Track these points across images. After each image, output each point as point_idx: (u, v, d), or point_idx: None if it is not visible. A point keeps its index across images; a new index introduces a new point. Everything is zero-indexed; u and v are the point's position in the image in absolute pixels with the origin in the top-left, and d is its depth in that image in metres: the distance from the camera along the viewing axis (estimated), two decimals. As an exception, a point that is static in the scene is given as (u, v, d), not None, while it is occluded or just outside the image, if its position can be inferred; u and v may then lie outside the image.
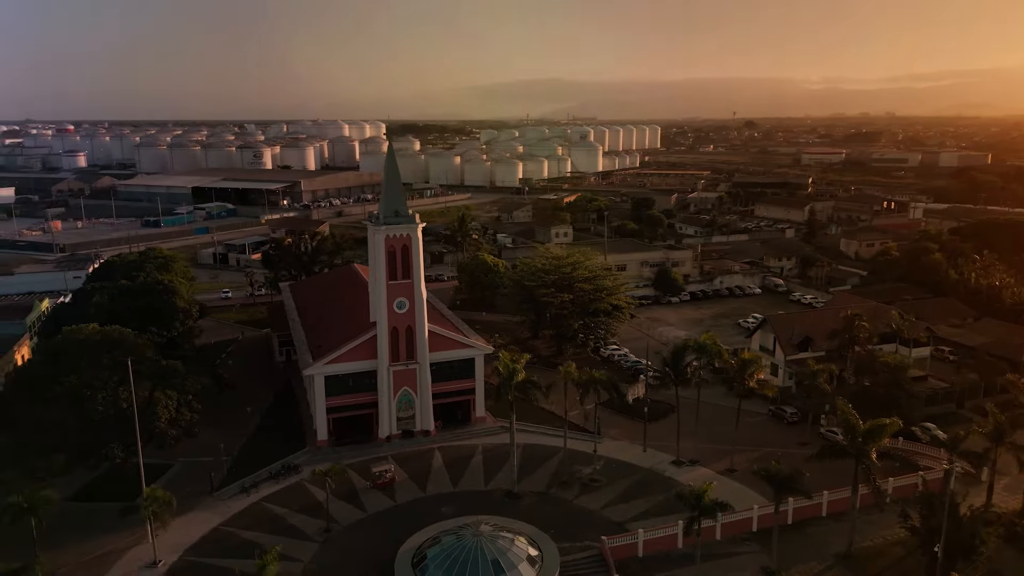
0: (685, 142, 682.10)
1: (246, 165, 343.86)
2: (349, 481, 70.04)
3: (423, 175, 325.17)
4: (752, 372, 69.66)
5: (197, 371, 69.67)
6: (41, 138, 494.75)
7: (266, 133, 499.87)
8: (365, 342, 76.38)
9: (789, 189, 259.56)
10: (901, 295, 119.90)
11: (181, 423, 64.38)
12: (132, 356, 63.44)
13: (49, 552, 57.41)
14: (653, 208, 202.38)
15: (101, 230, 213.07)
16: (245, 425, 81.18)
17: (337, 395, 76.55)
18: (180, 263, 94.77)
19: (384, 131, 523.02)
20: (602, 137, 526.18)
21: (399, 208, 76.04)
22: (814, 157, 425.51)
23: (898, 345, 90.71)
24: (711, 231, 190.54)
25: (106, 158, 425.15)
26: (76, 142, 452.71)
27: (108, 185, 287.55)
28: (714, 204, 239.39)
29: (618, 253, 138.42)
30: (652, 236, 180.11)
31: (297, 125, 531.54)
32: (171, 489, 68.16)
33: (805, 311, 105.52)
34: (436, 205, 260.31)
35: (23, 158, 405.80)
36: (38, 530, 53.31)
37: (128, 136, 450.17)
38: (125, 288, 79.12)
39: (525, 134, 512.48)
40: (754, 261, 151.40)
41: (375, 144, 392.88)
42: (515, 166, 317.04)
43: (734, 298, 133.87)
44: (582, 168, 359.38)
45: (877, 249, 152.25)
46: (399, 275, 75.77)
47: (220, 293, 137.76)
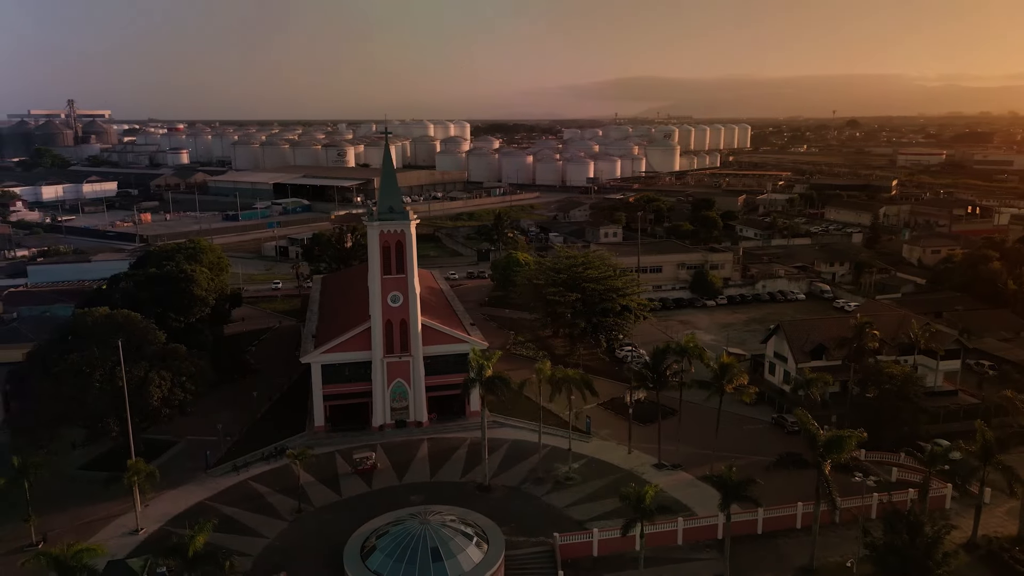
0: (779, 141, 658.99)
1: (330, 163, 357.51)
2: (333, 465, 73.29)
3: (496, 174, 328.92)
4: (731, 377, 67.86)
5: (199, 355, 74.06)
6: (152, 136, 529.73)
7: (356, 132, 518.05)
8: (360, 334, 79.27)
9: (870, 192, 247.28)
10: (953, 305, 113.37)
11: (174, 402, 68.98)
12: (135, 339, 68.73)
13: (49, 515, 63.18)
14: (712, 209, 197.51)
15: (185, 222, 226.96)
16: (255, 409, 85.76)
17: (334, 383, 79.80)
18: (212, 254, 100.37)
19: (469, 130, 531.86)
20: (687, 136, 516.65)
21: (394, 204, 78.47)
22: (911, 158, 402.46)
23: (916, 357, 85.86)
24: (770, 234, 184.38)
25: (207, 155, 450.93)
26: (182, 140, 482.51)
27: (200, 181, 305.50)
28: (783, 206, 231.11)
29: (653, 254, 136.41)
30: (707, 238, 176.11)
31: (385, 125, 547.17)
32: (173, 464, 73.87)
33: (821, 318, 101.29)
34: (501, 204, 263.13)
35: (133, 155, 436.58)
36: (31, 492, 58.79)
37: (228, 135, 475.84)
38: (149, 276, 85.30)
39: (608, 133, 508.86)
40: (804, 266, 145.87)
41: (454, 143, 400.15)
42: (586, 165, 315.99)
43: (775, 303, 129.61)
44: (657, 168, 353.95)
45: (943, 256, 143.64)
46: (393, 270, 78.26)
47: (271, 284, 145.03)
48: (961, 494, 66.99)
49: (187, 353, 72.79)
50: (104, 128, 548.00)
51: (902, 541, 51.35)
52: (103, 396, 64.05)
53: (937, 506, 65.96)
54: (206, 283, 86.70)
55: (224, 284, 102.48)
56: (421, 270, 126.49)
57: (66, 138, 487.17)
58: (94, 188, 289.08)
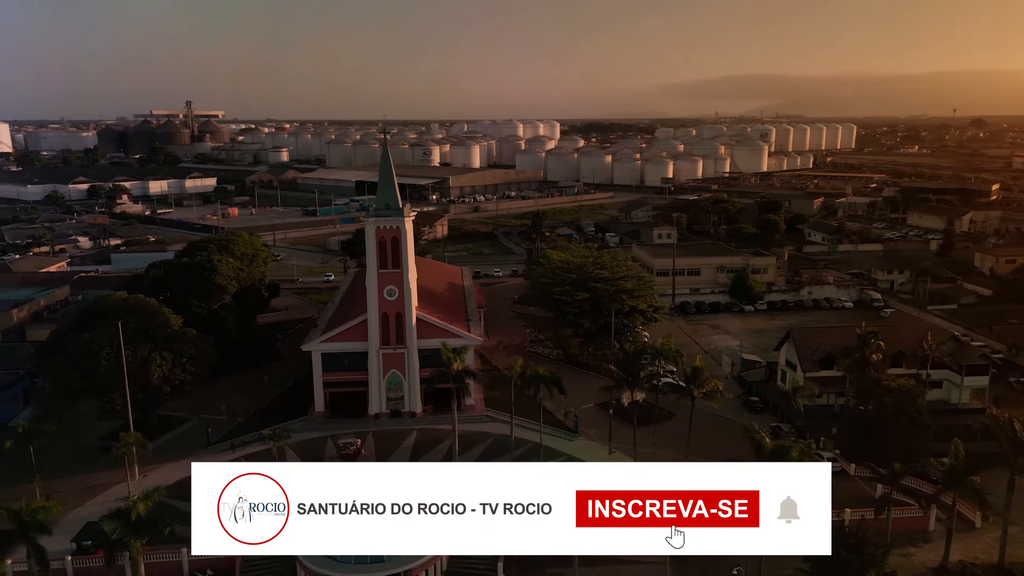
0: (889, 142, 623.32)
1: (415, 162, 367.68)
2: (322, 449, 76.99)
3: (575, 173, 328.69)
4: (701, 382, 66.49)
5: (207, 340, 79.45)
6: (259, 136, 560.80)
7: (449, 131, 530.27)
8: (358, 325, 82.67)
9: (965, 195, 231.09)
10: (1009, 318, 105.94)
11: (174, 381, 74.45)
12: (144, 322, 74.76)
13: (61, 479, 69.81)
14: (780, 212, 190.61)
15: (268, 216, 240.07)
16: (266, 393, 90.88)
17: (334, 371, 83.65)
18: (248, 246, 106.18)
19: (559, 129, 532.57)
20: (784, 136, 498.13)
21: (390, 201, 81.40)
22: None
23: (928, 371, 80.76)
24: (838, 238, 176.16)
25: (307, 153, 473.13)
26: (285, 139, 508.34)
27: (291, 178, 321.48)
28: (864, 210, 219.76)
29: (691, 256, 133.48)
30: (769, 242, 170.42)
31: (476, 124, 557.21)
32: (181, 440, 79.73)
33: (835, 327, 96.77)
34: (571, 203, 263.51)
35: (239, 153, 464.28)
36: (37, 456, 65.35)
37: (327, 134, 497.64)
38: (178, 264, 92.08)
39: (702, 133, 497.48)
40: (860, 273, 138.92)
41: (538, 143, 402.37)
42: (664, 165, 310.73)
43: (818, 311, 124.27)
44: (742, 168, 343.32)
45: (1017, 266, 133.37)
46: (389, 264, 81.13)
47: (324, 277, 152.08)
48: (948, 516, 63.17)
49: (195, 337, 78.24)
50: (217, 128, 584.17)
51: (839, 557, 49.50)
52: (108, 373, 69.97)
53: (919, 528, 62.57)
54: (229, 272, 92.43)
55: (260, 274, 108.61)
56: (451, 266, 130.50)
57: (183, 137, 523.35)
58: (195, 183, 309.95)
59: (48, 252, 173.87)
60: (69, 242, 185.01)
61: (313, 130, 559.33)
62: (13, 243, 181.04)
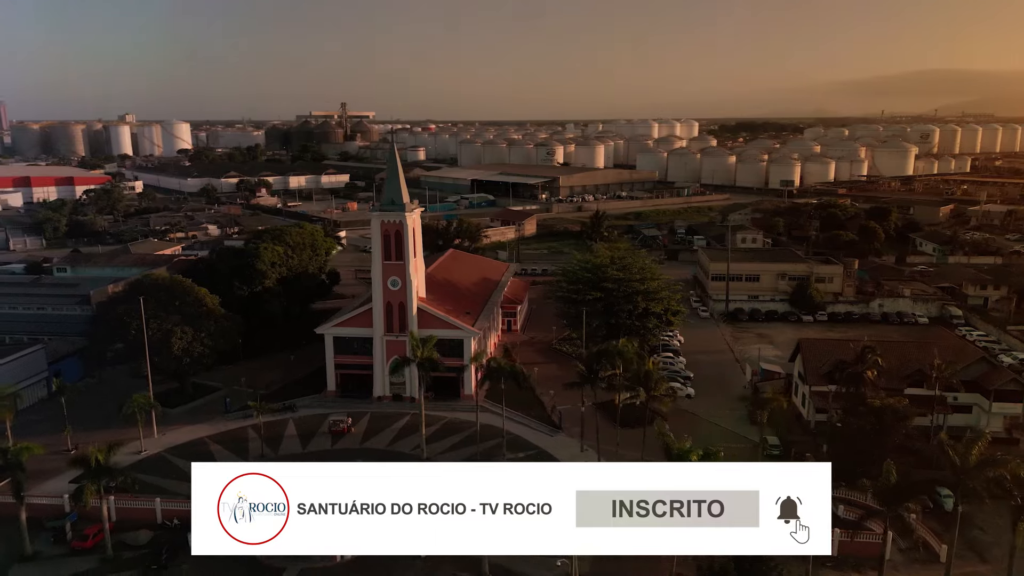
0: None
1: (539, 161, 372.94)
2: (319, 425, 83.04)
3: (696, 174, 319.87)
4: (651, 385, 65.34)
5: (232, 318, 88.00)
6: (402, 136, 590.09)
7: (585, 131, 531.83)
8: (366, 312, 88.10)
9: None
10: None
11: (193, 354, 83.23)
12: (176, 299, 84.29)
13: (94, 431, 79.92)
14: (889, 218, 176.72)
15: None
16: (297, 371, 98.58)
17: (345, 354, 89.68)
18: (308, 236, 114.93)
19: (697, 129, 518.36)
20: (950, 137, 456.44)
21: (395, 198, 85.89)
22: None
23: (955, 394, 73.82)
24: (949, 249, 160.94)
25: (444, 152, 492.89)
26: (424, 139, 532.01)
27: (416, 176, 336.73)
28: (1001, 219, 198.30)
29: (748, 262, 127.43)
30: (867, 250, 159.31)
31: (611, 124, 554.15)
32: (206, 406, 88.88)
33: (851, 340, 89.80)
34: (679, 204, 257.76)
35: (382, 152, 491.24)
36: (68, 409, 76.08)
37: (463, 134, 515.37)
38: (229, 250, 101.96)
39: (854, 132, 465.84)
40: (950, 287, 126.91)
41: (665, 143, 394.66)
42: (790, 167, 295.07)
43: (887, 325, 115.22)
44: (883, 171, 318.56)
45: None
46: (393, 256, 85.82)
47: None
48: (915, 546, 58.81)
49: (222, 315, 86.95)
50: (368, 128, 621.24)
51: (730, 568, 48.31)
52: (136, 342, 79.76)
53: (870, 553, 58.30)
54: (272, 259, 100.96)
55: (318, 263, 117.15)
56: (495, 262, 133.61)
57: (337, 136, 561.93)
58: (330, 179, 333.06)
59: (184, 237, 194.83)
60: (200, 229, 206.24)
61: (453, 130, 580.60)
62: (154, 228, 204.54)
